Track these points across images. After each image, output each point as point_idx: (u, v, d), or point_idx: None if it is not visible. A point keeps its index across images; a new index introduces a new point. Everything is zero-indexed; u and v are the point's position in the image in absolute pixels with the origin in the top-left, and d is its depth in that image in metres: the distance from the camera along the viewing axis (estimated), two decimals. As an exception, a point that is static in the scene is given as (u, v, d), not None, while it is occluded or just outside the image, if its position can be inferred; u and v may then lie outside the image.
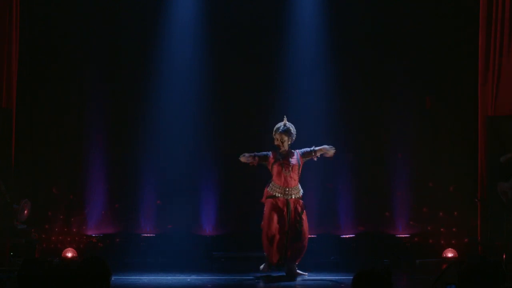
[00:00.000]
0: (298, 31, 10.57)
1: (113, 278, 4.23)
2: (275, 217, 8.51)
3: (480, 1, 9.91)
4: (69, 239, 10.29)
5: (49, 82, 10.38)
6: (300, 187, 8.69)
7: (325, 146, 8.70)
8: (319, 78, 10.54)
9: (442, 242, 10.31)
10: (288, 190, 8.58)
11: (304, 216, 8.60)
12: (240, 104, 10.55)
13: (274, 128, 8.67)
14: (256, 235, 9.13)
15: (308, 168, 10.57)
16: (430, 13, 10.41)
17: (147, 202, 10.45)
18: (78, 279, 4.09)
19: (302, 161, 8.70)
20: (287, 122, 8.69)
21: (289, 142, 8.67)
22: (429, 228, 10.37)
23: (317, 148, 8.67)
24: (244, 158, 8.63)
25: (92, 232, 10.41)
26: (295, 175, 8.62)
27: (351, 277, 3.96)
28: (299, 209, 8.59)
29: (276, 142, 8.66)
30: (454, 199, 10.35)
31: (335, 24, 10.49)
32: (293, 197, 8.59)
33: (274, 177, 8.61)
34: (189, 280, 8.57)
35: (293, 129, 8.70)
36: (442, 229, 10.35)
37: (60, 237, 10.28)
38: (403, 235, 10.43)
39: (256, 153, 8.64)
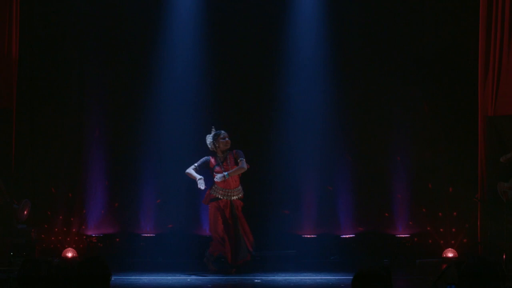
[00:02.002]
0: (298, 32, 10.56)
1: (113, 278, 4.22)
2: (220, 219, 8.83)
3: (480, 1, 9.92)
4: (69, 239, 10.29)
5: (49, 82, 10.37)
6: (241, 188, 8.92)
7: (239, 167, 8.82)
8: (318, 79, 10.53)
9: (442, 242, 10.30)
10: (230, 192, 8.85)
11: (243, 217, 8.91)
12: (240, 104, 10.55)
13: (216, 136, 8.91)
14: (256, 235, 9.15)
15: (308, 168, 10.62)
16: (430, 13, 10.40)
17: (147, 202, 10.45)
18: (78, 279, 4.09)
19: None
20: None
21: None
22: (428, 228, 10.36)
23: (237, 167, 8.83)
24: (189, 174, 8.92)
25: (92, 232, 10.41)
26: (236, 176, 8.87)
27: (351, 277, 3.96)
28: (240, 209, 8.89)
29: (225, 147, 8.90)
30: (454, 199, 10.35)
31: (334, 24, 10.48)
32: (235, 198, 8.87)
33: (216, 181, 8.86)
34: (189, 280, 8.56)
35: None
36: (441, 230, 10.34)
37: (60, 237, 10.27)
38: (403, 235, 10.43)
39: (196, 164, 8.93)
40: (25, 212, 9.53)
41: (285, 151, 10.44)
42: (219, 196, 8.86)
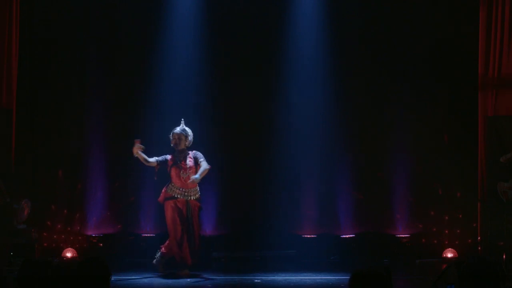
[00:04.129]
0: (298, 32, 10.56)
1: (113, 278, 4.22)
2: (178, 220, 8.73)
3: (480, 1, 9.92)
4: (70, 238, 10.29)
5: (49, 82, 10.37)
6: (198, 189, 8.86)
7: (205, 168, 8.73)
8: (318, 79, 10.53)
9: (438, 241, 10.30)
10: (187, 191, 8.78)
11: (197, 218, 8.83)
12: (240, 104, 10.54)
13: (187, 133, 8.86)
14: (257, 235, 9.16)
15: (309, 168, 10.62)
16: (430, 13, 10.40)
17: (147, 202, 10.44)
18: (78, 279, 4.09)
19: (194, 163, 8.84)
20: (184, 126, 8.90)
21: (186, 143, 8.86)
22: (434, 229, 10.35)
23: (202, 168, 8.73)
24: (138, 154, 8.77)
25: (92, 232, 10.41)
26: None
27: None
28: (197, 210, 8.81)
29: (172, 142, 8.86)
30: (454, 199, 10.35)
31: (334, 24, 10.47)
32: (192, 198, 8.78)
33: (173, 179, 8.80)
34: (189, 280, 8.57)
35: (190, 131, 8.93)
36: (446, 231, 10.33)
37: (60, 237, 10.27)
38: (403, 235, 10.43)
39: (157, 158, 8.85)
40: (25, 212, 9.53)
41: (285, 151, 10.43)
42: (176, 195, 8.76)
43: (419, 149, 10.44)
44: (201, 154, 8.85)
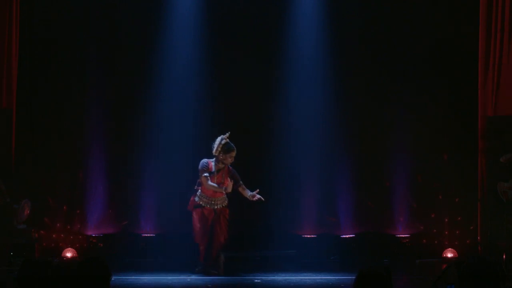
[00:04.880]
0: (298, 32, 10.56)
1: (113, 278, 4.22)
2: (206, 229, 8.78)
3: (480, 1, 9.92)
4: (70, 238, 10.29)
5: (49, 82, 10.37)
6: (225, 197, 8.88)
7: (252, 193, 8.81)
8: (318, 79, 10.53)
9: (437, 241, 10.30)
10: (214, 200, 8.82)
11: (225, 224, 8.87)
12: (240, 104, 10.54)
13: (228, 149, 8.75)
14: (257, 235, 9.16)
15: (309, 168, 10.62)
16: (430, 13, 10.40)
17: (147, 202, 10.45)
18: (78, 279, 4.09)
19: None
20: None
21: None
22: (434, 230, 10.35)
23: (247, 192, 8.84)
24: (213, 187, 8.77)
25: (92, 232, 10.41)
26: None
27: (351, 277, 3.96)
28: (223, 218, 8.85)
29: (229, 161, 8.80)
30: (454, 199, 10.35)
31: (334, 24, 10.47)
32: (219, 207, 8.82)
33: (203, 188, 8.79)
34: (189, 280, 8.57)
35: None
36: (446, 232, 10.33)
37: (60, 236, 10.26)
38: (403, 235, 10.43)
39: (206, 174, 8.73)
40: (26, 212, 9.53)
41: (285, 151, 10.43)
42: (202, 204, 8.80)
43: (419, 149, 10.43)
44: (239, 176, 8.88)
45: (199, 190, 8.84)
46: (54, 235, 10.25)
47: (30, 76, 10.28)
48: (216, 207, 8.80)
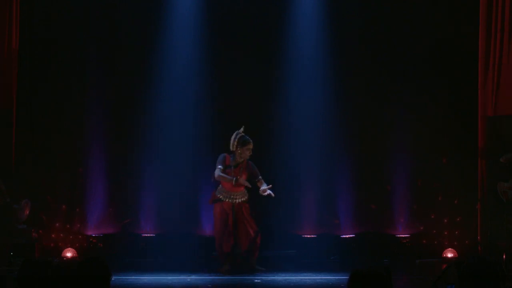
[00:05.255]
0: (298, 32, 10.56)
1: (113, 278, 4.22)
2: (225, 223, 8.81)
3: (480, 1, 9.92)
4: (70, 238, 10.28)
5: (49, 82, 10.37)
6: (245, 191, 8.92)
7: (264, 187, 8.83)
8: (318, 79, 10.53)
9: (437, 241, 10.30)
10: (233, 195, 8.86)
11: (250, 217, 8.90)
12: (240, 104, 10.53)
13: (245, 143, 8.82)
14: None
15: (309, 168, 10.62)
16: (430, 13, 10.40)
17: (147, 202, 10.45)
18: (78, 279, 4.08)
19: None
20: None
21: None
22: (434, 231, 10.34)
23: (263, 185, 8.86)
24: (222, 177, 8.78)
25: (92, 232, 10.41)
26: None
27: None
28: (245, 211, 8.87)
29: (247, 156, 8.86)
30: (454, 199, 10.35)
31: (334, 24, 10.47)
32: (238, 201, 8.85)
33: (223, 182, 8.85)
34: (189, 280, 8.57)
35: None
36: (446, 232, 10.33)
37: (60, 236, 10.26)
38: (403, 235, 10.43)
39: (219, 166, 8.77)
40: (26, 212, 9.53)
41: (285, 151, 10.43)
42: (222, 198, 8.86)
43: (419, 149, 10.43)
44: (258, 171, 8.92)
45: (220, 185, 8.88)
46: (54, 235, 10.26)
47: (30, 76, 10.28)
48: (235, 201, 8.84)
